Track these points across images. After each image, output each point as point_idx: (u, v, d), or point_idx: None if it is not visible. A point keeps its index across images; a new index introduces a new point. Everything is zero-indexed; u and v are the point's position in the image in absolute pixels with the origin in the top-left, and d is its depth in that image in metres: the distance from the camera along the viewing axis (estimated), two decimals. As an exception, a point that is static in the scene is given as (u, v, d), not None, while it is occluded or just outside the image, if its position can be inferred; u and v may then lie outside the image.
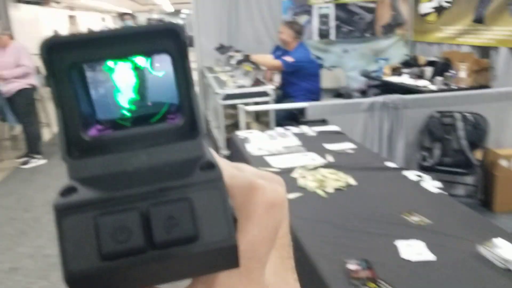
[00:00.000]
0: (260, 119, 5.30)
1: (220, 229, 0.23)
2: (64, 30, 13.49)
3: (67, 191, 0.22)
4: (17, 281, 2.97)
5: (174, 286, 0.25)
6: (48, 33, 3.71)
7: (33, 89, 5.24)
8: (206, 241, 0.22)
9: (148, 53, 0.24)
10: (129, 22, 6.01)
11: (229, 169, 0.25)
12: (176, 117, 0.25)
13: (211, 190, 0.23)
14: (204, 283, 0.25)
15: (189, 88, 0.24)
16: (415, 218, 1.83)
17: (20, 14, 9.08)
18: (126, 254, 0.21)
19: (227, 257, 0.23)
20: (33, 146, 5.28)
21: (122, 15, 5.09)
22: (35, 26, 9.79)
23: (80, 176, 0.23)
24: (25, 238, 3.54)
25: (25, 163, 5.29)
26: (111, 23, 24.64)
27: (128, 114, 0.25)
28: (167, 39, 0.23)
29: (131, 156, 0.23)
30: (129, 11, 24.01)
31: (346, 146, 2.83)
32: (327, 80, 5.87)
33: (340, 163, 2.50)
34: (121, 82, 0.25)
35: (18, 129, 6.03)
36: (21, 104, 5.10)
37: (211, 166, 0.23)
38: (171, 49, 0.24)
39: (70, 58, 0.23)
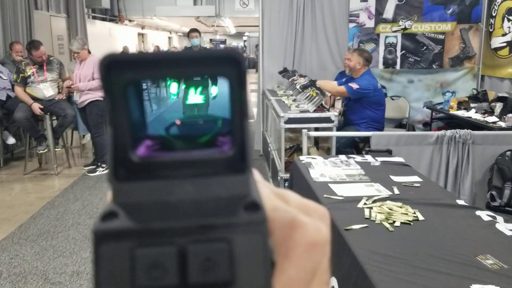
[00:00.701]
0: (320, 145, 5.29)
1: (257, 276, 0.21)
2: (134, 46, 14.13)
3: (108, 216, 0.22)
4: (80, 285, 3.08)
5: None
6: (119, 48, 3.90)
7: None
8: (241, 287, 0.21)
9: (208, 76, 0.24)
10: (196, 40, 6.16)
11: (272, 199, 0.24)
12: (226, 143, 0.24)
13: (253, 233, 0.21)
14: None
15: (243, 119, 0.23)
16: (489, 261, 1.76)
17: (95, 29, 9.65)
18: None
19: None
20: (100, 156, 5.53)
21: (189, 32, 5.21)
22: (109, 41, 10.36)
23: (123, 201, 0.22)
24: (89, 243, 3.69)
25: (91, 171, 5.54)
26: (176, 42, 25.58)
27: (178, 131, 0.25)
28: (227, 66, 0.23)
29: (177, 185, 0.22)
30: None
31: (413, 179, 2.77)
32: (389, 109, 5.78)
33: (407, 196, 2.45)
34: (178, 99, 0.25)
35: (87, 138, 6.36)
36: (92, 115, 5.37)
37: (256, 206, 0.22)
38: (230, 76, 0.23)
39: (127, 77, 0.22)
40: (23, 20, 6.69)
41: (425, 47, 6.21)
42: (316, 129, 4.49)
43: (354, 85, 4.48)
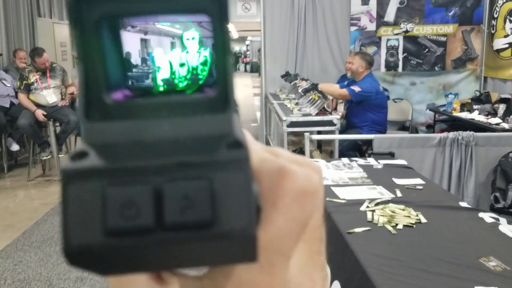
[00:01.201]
0: (322, 148, 5.29)
1: (240, 216, 0.20)
2: (137, 52, 14.21)
3: (78, 156, 0.20)
4: (84, 290, 3.09)
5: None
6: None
7: (107, 107, 5.53)
8: (222, 228, 0.20)
9: (185, 12, 0.22)
10: None
11: (260, 152, 0.23)
12: (207, 89, 0.22)
13: (235, 171, 0.20)
14: (221, 273, 0.22)
15: (225, 56, 0.22)
16: (492, 263, 1.75)
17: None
18: (132, 232, 0.19)
19: (244, 249, 0.20)
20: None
21: None
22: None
23: (95, 141, 0.21)
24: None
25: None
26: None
27: (163, 86, 0.24)
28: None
29: (152, 125, 0.21)
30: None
31: (415, 181, 2.76)
32: (392, 112, 5.78)
33: (409, 199, 2.45)
34: (163, 56, 0.24)
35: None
36: (95, 121, 5.39)
37: (239, 144, 0.21)
38: (211, 9, 0.21)
39: (100, 10, 0.21)
40: (26, 27, 6.74)
41: (427, 50, 6.21)
42: (319, 133, 4.49)
43: (356, 88, 4.48)
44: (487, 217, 2.21)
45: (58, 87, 5.56)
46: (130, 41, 0.23)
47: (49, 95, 5.43)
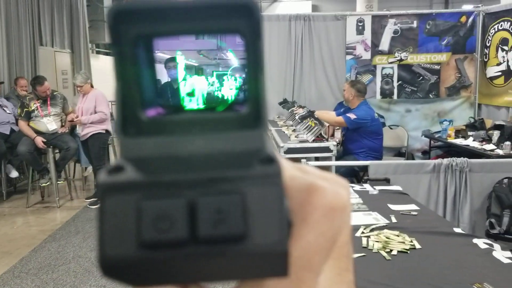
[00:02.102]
0: (319, 174, 5.33)
1: (272, 231, 0.20)
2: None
3: (115, 170, 0.21)
4: (81, 318, 3.08)
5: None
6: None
7: (107, 134, 5.59)
8: (255, 242, 0.20)
9: (221, 32, 0.22)
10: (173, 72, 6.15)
11: (290, 169, 0.23)
12: (240, 107, 0.23)
13: (268, 186, 0.20)
14: (250, 287, 0.22)
15: (258, 74, 0.22)
16: (485, 289, 1.77)
17: (99, 64, 9.84)
18: (165, 245, 0.20)
19: (276, 264, 0.20)
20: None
21: (166, 62, 5.11)
22: (111, 75, 10.49)
23: (130, 155, 0.21)
24: (89, 276, 3.69)
25: (93, 203, 5.57)
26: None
27: (195, 104, 0.24)
28: (240, 17, 0.21)
29: (186, 141, 0.21)
30: (196, 64, 25.17)
31: (410, 207, 2.79)
32: (388, 139, 5.85)
33: (404, 224, 2.47)
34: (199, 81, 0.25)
35: (89, 171, 6.41)
36: (95, 148, 5.44)
37: (271, 160, 0.21)
38: (244, 28, 0.22)
39: (137, 30, 0.21)
40: (28, 56, 6.84)
41: (421, 77, 6.32)
42: (316, 159, 4.54)
43: (352, 115, 4.56)
44: (481, 243, 2.23)
45: (59, 115, 5.63)
46: (203, 51, 0.26)
47: (49, 122, 5.49)
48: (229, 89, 0.25)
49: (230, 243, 0.20)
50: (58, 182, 5.67)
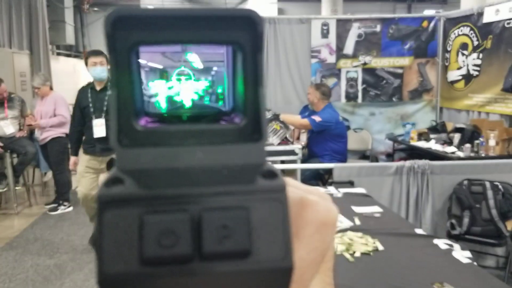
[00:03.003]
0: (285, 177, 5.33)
1: (277, 247, 0.20)
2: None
3: (113, 181, 0.20)
4: (37, 329, 2.95)
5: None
6: (83, 83, 3.89)
7: (66, 137, 5.42)
8: (260, 258, 0.20)
9: (219, 42, 0.22)
10: (100, 70, 5.98)
11: None
12: (235, 118, 0.23)
13: (273, 201, 0.20)
14: None
15: (258, 87, 0.22)
16: (445, 289, 1.79)
17: (59, 66, 9.57)
18: (169, 261, 0.19)
19: (280, 279, 0.20)
20: (62, 193, 5.39)
21: (87, 57, 4.94)
22: (72, 77, 10.28)
23: (128, 167, 0.21)
24: (48, 284, 3.55)
25: (52, 209, 5.38)
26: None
27: (177, 115, 0.24)
28: (242, 28, 0.21)
29: (186, 152, 0.21)
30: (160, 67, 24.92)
31: (373, 209, 2.81)
32: (353, 141, 5.91)
33: (367, 226, 2.48)
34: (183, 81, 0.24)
35: (49, 176, 6.21)
36: (54, 152, 5.27)
37: (274, 174, 0.21)
38: (244, 40, 0.21)
39: (132, 36, 0.21)
40: (-17, 57, 6.59)
41: (384, 81, 6.43)
42: (282, 162, 4.53)
43: (317, 118, 4.58)
44: (442, 243, 2.26)
45: (16, 118, 5.43)
46: (196, 60, 0.25)
47: (6, 126, 5.28)
48: (193, 93, 0.24)
49: (236, 259, 0.19)
50: (16, 188, 5.46)
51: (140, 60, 0.22)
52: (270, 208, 0.20)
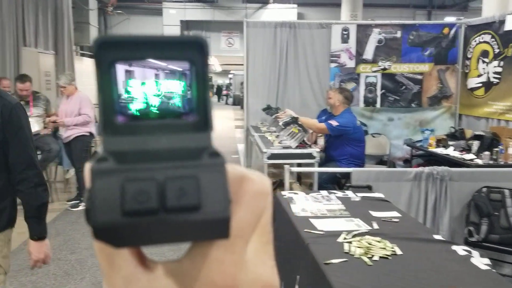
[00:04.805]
0: (302, 180, 5.36)
1: (219, 203, 0.27)
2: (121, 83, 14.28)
3: (102, 159, 0.27)
4: (59, 321, 3.03)
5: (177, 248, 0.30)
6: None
7: (90, 136, 5.54)
8: (207, 211, 0.26)
9: (177, 59, 0.29)
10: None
11: (228, 165, 0.30)
12: (190, 116, 0.29)
13: (215, 172, 0.27)
14: (199, 248, 0.29)
15: (205, 92, 0.29)
16: (463, 294, 1.81)
17: (83, 66, 9.74)
18: (143, 213, 0.25)
19: (221, 228, 0.27)
20: (84, 191, 5.48)
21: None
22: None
23: (112, 149, 0.27)
24: (69, 278, 3.64)
25: (74, 206, 5.50)
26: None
27: (151, 113, 0.30)
28: (195, 49, 0.28)
29: (154, 139, 0.28)
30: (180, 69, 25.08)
31: (392, 214, 2.83)
32: (370, 146, 5.92)
33: (386, 231, 2.50)
34: (150, 85, 0.31)
35: (71, 173, 6.33)
36: (77, 150, 5.38)
37: (217, 154, 0.28)
38: (196, 58, 0.28)
39: (112, 55, 0.27)
40: (11, 56, 6.75)
41: (404, 87, 6.42)
42: (299, 165, 4.56)
43: (334, 122, 4.60)
44: (460, 250, 2.28)
45: (41, 116, 5.56)
46: (160, 73, 0.31)
47: (31, 123, 5.41)
48: (161, 98, 0.31)
49: (190, 211, 0.26)
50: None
51: (124, 71, 0.29)
52: (213, 176, 0.27)
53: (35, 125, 5.46)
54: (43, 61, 7.42)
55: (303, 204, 3.02)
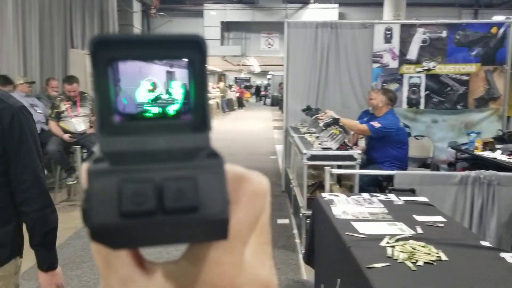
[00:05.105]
0: (342, 183, 5.30)
1: (217, 205, 0.26)
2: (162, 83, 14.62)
3: (99, 160, 0.26)
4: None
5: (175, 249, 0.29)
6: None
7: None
8: (205, 212, 0.26)
9: (174, 58, 0.28)
10: None
11: (226, 165, 0.29)
12: (188, 116, 0.29)
13: (214, 173, 0.27)
14: (194, 254, 0.28)
15: (204, 91, 0.29)
16: (513, 304, 1.74)
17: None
18: (140, 214, 0.25)
19: (219, 229, 0.27)
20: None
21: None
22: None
23: (109, 150, 0.27)
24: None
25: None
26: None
27: (144, 113, 0.30)
28: (192, 48, 0.28)
29: (151, 140, 0.27)
30: (220, 70, 25.40)
31: (436, 219, 2.76)
32: (413, 149, 5.78)
33: (430, 236, 2.44)
34: (146, 83, 0.30)
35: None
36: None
37: (216, 154, 0.28)
38: (194, 56, 0.28)
39: (109, 54, 0.27)
40: (59, 58, 7.01)
41: (449, 88, 6.24)
42: (339, 167, 4.51)
43: (376, 124, 4.52)
44: (509, 257, 2.19)
45: (87, 116, 5.75)
46: (158, 72, 0.30)
47: (78, 123, 5.61)
48: (159, 97, 0.31)
49: (188, 212, 0.26)
50: (84, 181, 5.75)
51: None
52: (212, 177, 0.27)
53: (82, 125, 5.65)
54: (89, 62, 7.65)
55: (344, 206, 2.98)
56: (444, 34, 6.17)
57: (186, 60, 0.28)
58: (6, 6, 5.85)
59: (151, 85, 0.30)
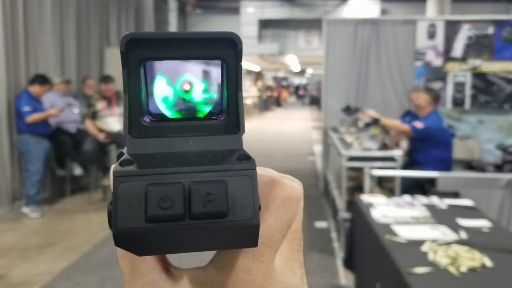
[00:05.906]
0: (383, 185, 5.17)
1: (247, 210, 0.25)
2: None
3: (125, 162, 0.26)
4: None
5: (201, 255, 0.28)
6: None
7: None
8: (234, 218, 0.25)
9: (207, 58, 0.28)
10: None
11: (258, 169, 0.28)
12: (220, 117, 0.28)
13: (244, 177, 0.26)
14: (226, 256, 0.28)
15: (238, 92, 0.28)
16: None
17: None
18: (167, 219, 0.24)
19: (249, 235, 0.26)
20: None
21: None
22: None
23: (137, 152, 0.27)
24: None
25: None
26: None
27: (175, 114, 0.29)
28: (226, 46, 0.27)
29: (180, 141, 0.27)
30: (258, 69, 25.45)
31: (481, 223, 2.64)
32: (458, 150, 5.58)
33: (475, 241, 2.34)
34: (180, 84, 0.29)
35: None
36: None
37: (248, 158, 0.26)
38: (229, 55, 0.27)
39: (141, 53, 0.27)
40: (95, 56, 7.14)
41: (496, 87, 5.98)
42: (381, 169, 4.39)
43: (418, 125, 4.38)
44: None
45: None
46: (194, 71, 0.29)
47: (114, 122, 5.70)
48: (191, 97, 0.30)
49: (215, 218, 0.25)
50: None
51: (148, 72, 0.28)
52: (243, 182, 0.26)
53: (118, 124, 5.74)
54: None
55: (384, 209, 2.90)
56: (490, 31, 5.92)
57: (220, 59, 0.28)
58: (44, 6, 5.99)
59: (185, 85, 0.29)
